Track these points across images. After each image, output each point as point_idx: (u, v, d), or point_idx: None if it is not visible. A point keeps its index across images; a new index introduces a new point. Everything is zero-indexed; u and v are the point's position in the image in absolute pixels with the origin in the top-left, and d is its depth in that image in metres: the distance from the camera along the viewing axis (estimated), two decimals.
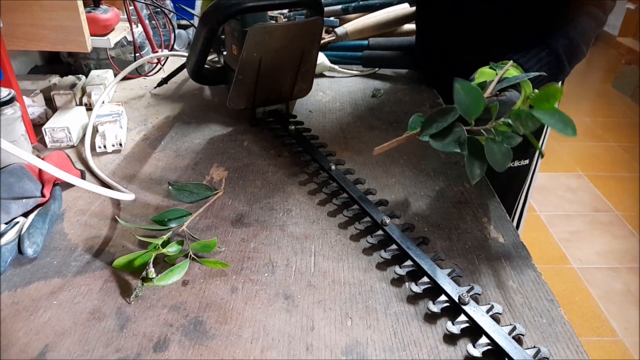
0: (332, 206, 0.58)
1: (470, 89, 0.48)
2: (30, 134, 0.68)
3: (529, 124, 0.47)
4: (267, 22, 0.72)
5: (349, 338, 0.42)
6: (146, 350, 0.40)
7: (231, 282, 0.47)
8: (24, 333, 0.42)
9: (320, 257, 0.51)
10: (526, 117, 0.47)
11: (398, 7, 1.09)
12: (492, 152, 0.48)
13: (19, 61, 0.94)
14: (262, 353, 0.40)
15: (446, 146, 0.48)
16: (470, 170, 0.49)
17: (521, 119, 0.47)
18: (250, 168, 0.66)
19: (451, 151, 0.48)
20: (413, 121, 0.54)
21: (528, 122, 0.47)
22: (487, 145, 0.48)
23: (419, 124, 0.53)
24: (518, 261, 0.50)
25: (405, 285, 0.47)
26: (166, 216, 0.54)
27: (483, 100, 0.48)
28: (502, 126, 0.49)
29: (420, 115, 0.54)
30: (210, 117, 0.81)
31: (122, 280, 0.47)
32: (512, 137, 0.49)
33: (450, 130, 0.49)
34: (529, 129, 0.47)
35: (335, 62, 1.00)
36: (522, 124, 0.47)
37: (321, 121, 0.80)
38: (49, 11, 0.67)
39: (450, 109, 0.49)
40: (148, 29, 0.92)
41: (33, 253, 0.49)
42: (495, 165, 0.48)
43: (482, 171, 0.49)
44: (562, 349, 0.41)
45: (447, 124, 0.48)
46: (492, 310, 0.43)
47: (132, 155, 0.69)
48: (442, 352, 0.41)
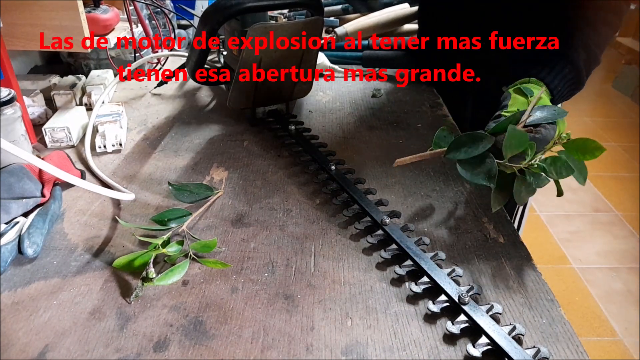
0: (332, 206, 0.58)
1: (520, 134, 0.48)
2: (30, 134, 0.68)
3: (563, 172, 0.47)
4: (267, 22, 0.72)
5: (349, 338, 0.42)
6: (146, 350, 0.40)
7: (231, 282, 0.47)
8: (24, 333, 0.42)
9: (320, 257, 0.51)
10: (562, 165, 0.47)
11: (398, 7, 1.10)
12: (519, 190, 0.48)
13: (19, 61, 0.94)
14: (262, 353, 0.40)
15: (475, 177, 0.48)
16: (494, 202, 0.49)
17: (556, 166, 0.47)
18: (250, 168, 0.66)
19: (479, 183, 0.48)
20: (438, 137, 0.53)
21: (563, 170, 0.47)
22: (516, 184, 0.48)
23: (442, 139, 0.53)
24: (518, 261, 0.50)
25: (405, 285, 0.47)
26: (166, 216, 0.54)
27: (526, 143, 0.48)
28: (536, 169, 0.48)
29: (444, 128, 0.53)
30: (210, 117, 0.81)
31: (122, 280, 0.47)
32: (543, 180, 0.49)
33: (481, 160, 0.48)
34: (562, 177, 0.47)
35: (335, 62, 1.00)
36: (557, 171, 0.47)
37: (321, 121, 0.80)
38: (49, 11, 0.67)
39: (482, 136, 0.49)
40: (148, 29, 0.92)
41: (33, 253, 0.49)
42: (518, 200, 0.48)
43: (504, 202, 0.49)
44: (562, 349, 0.41)
45: (479, 152, 0.48)
46: (492, 310, 0.43)
47: (132, 155, 0.69)
48: (442, 352, 0.41)
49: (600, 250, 1.89)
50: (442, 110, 0.84)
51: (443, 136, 0.53)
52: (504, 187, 0.48)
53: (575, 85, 0.67)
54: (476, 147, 0.48)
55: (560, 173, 0.47)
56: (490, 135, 0.50)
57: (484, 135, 0.49)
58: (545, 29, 0.71)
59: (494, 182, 0.47)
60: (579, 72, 0.67)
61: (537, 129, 0.55)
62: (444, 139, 0.53)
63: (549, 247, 1.91)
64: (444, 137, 0.53)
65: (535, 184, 0.48)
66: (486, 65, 0.81)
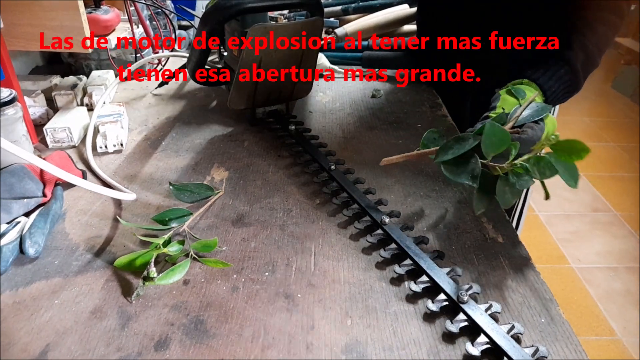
0: (332, 206, 0.59)
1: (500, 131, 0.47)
2: (32, 134, 0.69)
3: (547, 172, 0.46)
4: (267, 22, 0.72)
5: (348, 337, 0.42)
6: (147, 350, 0.40)
7: (232, 281, 0.48)
8: (25, 332, 0.42)
9: (320, 256, 0.51)
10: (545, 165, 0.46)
11: (398, 8, 1.10)
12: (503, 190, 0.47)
13: (20, 61, 0.94)
14: (263, 352, 0.41)
15: (458, 177, 0.47)
16: (477, 203, 0.48)
17: (540, 166, 0.46)
18: (250, 168, 0.67)
19: (462, 182, 0.47)
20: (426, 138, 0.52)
21: (546, 170, 0.46)
22: (499, 184, 0.47)
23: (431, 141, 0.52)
24: (517, 261, 0.51)
25: (404, 285, 0.47)
26: (167, 216, 0.54)
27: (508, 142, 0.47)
28: (519, 169, 0.47)
29: (434, 131, 0.52)
30: (210, 118, 0.81)
31: (123, 279, 0.48)
32: (526, 181, 0.47)
33: (465, 161, 0.48)
34: (545, 177, 0.46)
35: (335, 62, 1.00)
36: (540, 172, 0.46)
37: (321, 121, 0.80)
38: (50, 11, 0.68)
39: (468, 136, 0.48)
40: (149, 30, 0.92)
41: (34, 253, 0.49)
42: (502, 202, 0.47)
43: (488, 204, 0.48)
44: (561, 348, 0.41)
45: (463, 151, 0.47)
46: (491, 309, 0.43)
47: (133, 155, 0.70)
48: (441, 351, 0.41)
49: (600, 250, 1.89)
50: (441, 111, 0.84)
51: (433, 138, 0.53)
52: (487, 188, 0.48)
53: (572, 87, 0.66)
54: (462, 147, 0.48)
55: (544, 173, 0.46)
56: (476, 135, 0.49)
57: (469, 135, 0.49)
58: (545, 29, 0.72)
59: (477, 182, 0.47)
60: (576, 74, 0.66)
61: (523, 129, 0.54)
62: (433, 141, 0.52)
63: (548, 246, 1.91)
64: (433, 139, 0.53)
65: (519, 185, 0.47)
66: (486, 65, 0.81)
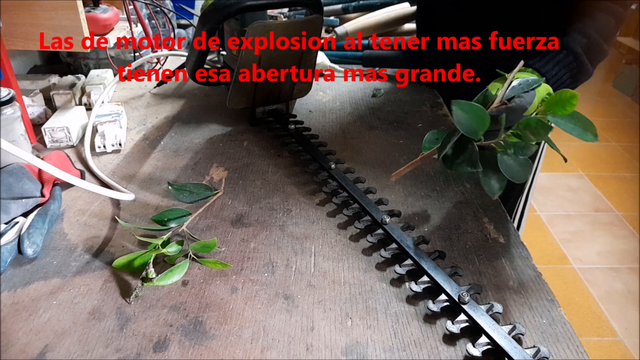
0: (332, 206, 0.58)
1: (469, 107, 0.46)
2: (30, 134, 0.68)
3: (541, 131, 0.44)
4: (267, 21, 0.72)
5: (349, 338, 0.42)
6: (146, 351, 0.40)
7: (231, 282, 0.47)
8: (23, 333, 0.42)
9: (320, 257, 0.51)
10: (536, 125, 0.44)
11: (398, 6, 1.10)
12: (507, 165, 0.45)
13: (19, 61, 0.94)
14: (262, 353, 0.40)
15: (458, 166, 0.46)
16: (488, 186, 0.46)
17: (531, 127, 0.45)
18: (250, 168, 0.66)
19: (465, 171, 0.46)
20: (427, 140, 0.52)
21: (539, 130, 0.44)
22: (499, 159, 0.45)
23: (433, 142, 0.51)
24: (518, 261, 0.50)
25: (405, 286, 0.47)
26: (166, 216, 0.53)
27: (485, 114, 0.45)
28: (511, 137, 0.46)
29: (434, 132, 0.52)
30: (209, 117, 0.81)
31: (121, 280, 0.47)
32: (525, 147, 0.46)
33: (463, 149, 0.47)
34: (542, 137, 0.45)
35: (336, 61, 1.00)
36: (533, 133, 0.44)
37: (321, 121, 0.80)
38: (49, 11, 0.67)
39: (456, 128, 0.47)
40: (148, 29, 0.92)
41: (33, 253, 0.49)
42: (513, 177, 0.45)
43: (502, 185, 0.46)
44: (562, 348, 0.41)
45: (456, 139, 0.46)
46: (492, 309, 0.43)
47: (132, 155, 0.69)
48: (442, 352, 0.41)
49: (601, 251, 1.89)
50: (442, 110, 0.84)
51: (435, 139, 0.52)
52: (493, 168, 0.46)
53: (577, 70, 0.65)
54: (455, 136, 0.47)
55: (539, 133, 0.45)
56: None
57: None
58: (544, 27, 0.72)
59: (478, 166, 0.46)
60: (577, 57, 0.65)
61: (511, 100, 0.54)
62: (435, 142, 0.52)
63: (549, 247, 1.91)
64: (435, 139, 0.52)
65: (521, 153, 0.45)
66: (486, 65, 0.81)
